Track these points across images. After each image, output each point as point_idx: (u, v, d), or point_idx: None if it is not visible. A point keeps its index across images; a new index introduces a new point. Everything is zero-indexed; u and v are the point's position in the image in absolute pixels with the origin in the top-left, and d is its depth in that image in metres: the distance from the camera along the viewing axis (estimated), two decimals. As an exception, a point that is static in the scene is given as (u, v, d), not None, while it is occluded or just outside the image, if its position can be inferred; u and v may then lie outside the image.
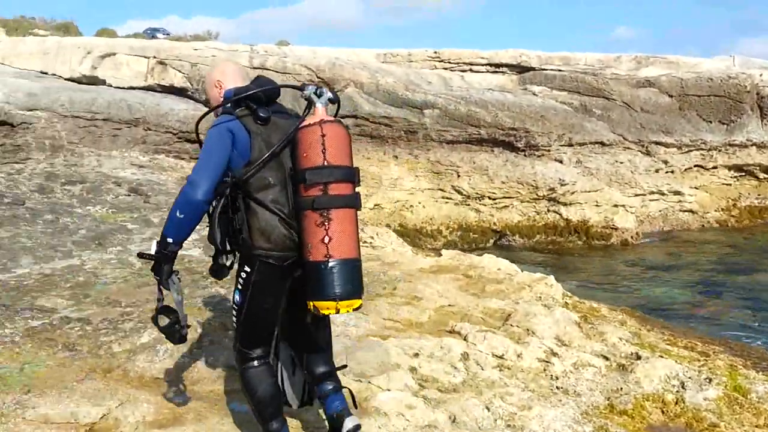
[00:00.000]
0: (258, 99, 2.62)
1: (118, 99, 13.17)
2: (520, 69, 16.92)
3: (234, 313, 2.71)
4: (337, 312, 2.49)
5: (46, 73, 15.09)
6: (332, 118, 2.58)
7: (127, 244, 6.72)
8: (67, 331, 4.20)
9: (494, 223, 14.03)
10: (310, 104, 2.63)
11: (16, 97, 12.09)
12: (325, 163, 2.47)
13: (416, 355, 4.25)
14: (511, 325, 4.98)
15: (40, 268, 5.73)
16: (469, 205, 14.20)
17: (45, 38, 18.17)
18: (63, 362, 3.77)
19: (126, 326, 4.29)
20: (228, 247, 2.67)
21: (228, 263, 2.73)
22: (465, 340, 4.60)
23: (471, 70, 16.98)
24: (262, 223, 2.56)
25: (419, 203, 14.12)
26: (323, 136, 2.48)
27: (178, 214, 2.53)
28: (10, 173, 9.52)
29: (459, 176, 14.26)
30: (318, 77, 14.84)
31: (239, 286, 2.67)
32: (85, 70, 15.25)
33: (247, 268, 2.64)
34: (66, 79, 14.87)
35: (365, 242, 7.92)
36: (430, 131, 14.44)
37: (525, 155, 14.67)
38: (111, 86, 14.80)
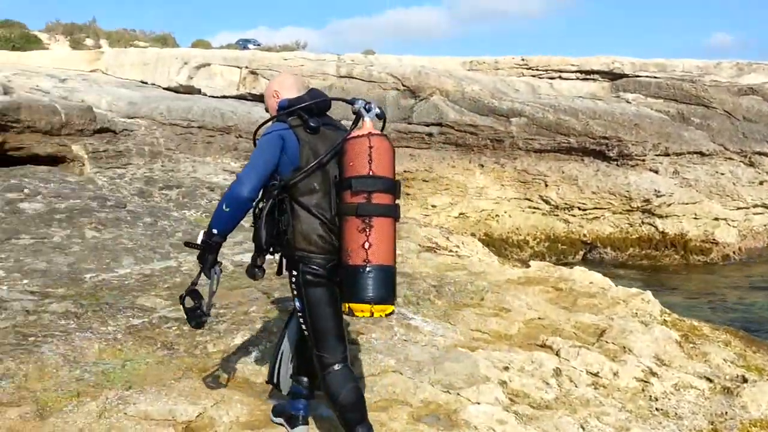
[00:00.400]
0: (310, 110, 2.76)
1: (212, 107, 13.71)
2: (612, 76, 16.38)
3: (302, 320, 2.80)
4: (371, 315, 2.56)
5: (145, 83, 15.94)
6: (379, 132, 2.67)
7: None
8: (165, 330, 4.35)
9: (584, 235, 13.58)
10: (359, 117, 2.73)
11: (118, 106, 12.82)
12: (371, 173, 2.58)
13: (506, 368, 4.14)
14: (606, 342, 4.77)
15: (140, 269, 5.99)
16: (557, 215, 13.82)
17: (145, 50, 19.23)
18: (162, 360, 3.90)
19: (220, 327, 4.40)
20: (271, 248, 2.78)
21: (262, 264, 2.82)
22: (557, 355, 4.44)
23: (560, 78, 16.59)
24: (305, 226, 2.69)
25: (505, 212, 13.86)
26: (371, 147, 2.59)
27: (224, 208, 2.67)
28: (112, 177, 10.06)
29: (547, 186, 13.90)
30: (404, 85, 14.90)
31: (294, 292, 2.79)
32: (182, 80, 16.00)
33: (294, 272, 2.75)
34: (164, 89, 15.65)
35: (451, 251, 7.84)
36: (517, 139, 14.17)
37: (617, 165, 14.14)
38: (206, 95, 15.46)
